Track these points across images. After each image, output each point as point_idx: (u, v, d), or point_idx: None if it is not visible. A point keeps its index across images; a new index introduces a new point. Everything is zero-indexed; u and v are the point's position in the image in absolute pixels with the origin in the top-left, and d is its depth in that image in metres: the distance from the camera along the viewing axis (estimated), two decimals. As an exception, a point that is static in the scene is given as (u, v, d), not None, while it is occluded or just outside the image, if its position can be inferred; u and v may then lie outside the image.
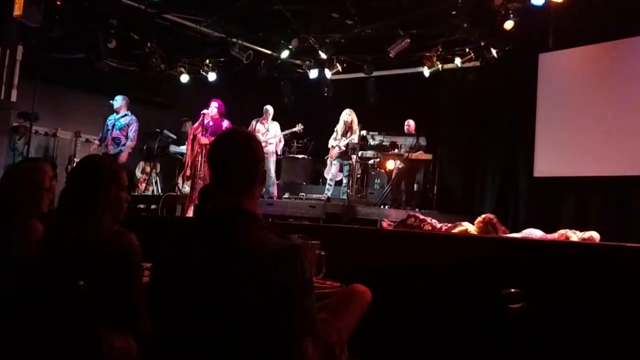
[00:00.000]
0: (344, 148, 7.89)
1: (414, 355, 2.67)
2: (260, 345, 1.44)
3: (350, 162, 7.86)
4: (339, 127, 7.96)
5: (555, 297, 2.39)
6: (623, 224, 6.95)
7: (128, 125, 7.49)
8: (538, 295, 2.36)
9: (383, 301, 2.22)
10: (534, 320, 2.34)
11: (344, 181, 8.01)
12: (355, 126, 7.84)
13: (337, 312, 1.99)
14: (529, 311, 2.30)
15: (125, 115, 7.54)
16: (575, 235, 5.14)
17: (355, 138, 7.79)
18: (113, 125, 7.46)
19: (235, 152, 1.62)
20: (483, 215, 5.60)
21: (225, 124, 6.80)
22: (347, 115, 7.89)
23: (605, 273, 2.34)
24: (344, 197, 7.77)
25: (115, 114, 7.52)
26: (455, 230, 5.54)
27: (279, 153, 8.63)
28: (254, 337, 1.44)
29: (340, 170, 8.11)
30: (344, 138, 7.90)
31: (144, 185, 9.07)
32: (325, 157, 8.44)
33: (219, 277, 1.47)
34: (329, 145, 8.12)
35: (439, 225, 6.21)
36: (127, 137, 7.46)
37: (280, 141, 8.40)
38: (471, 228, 5.47)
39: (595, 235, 5.01)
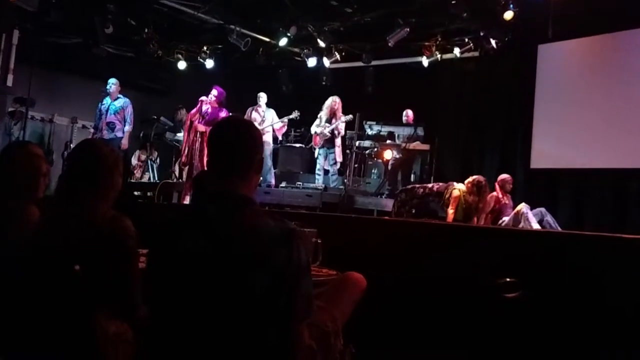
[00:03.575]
0: (329, 134, 7.80)
1: (409, 342, 2.69)
2: (257, 328, 1.45)
3: (334, 150, 7.78)
4: (323, 114, 7.84)
5: (550, 287, 2.40)
6: (619, 215, 6.99)
7: (123, 108, 7.44)
8: (534, 284, 2.37)
9: (379, 289, 2.22)
10: (530, 309, 2.36)
11: (331, 170, 7.91)
12: (340, 113, 7.77)
13: (332, 299, 2.00)
14: (525, 300, 2.31)
15: (118, 98, 7.49)
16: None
17: (340, 125, 7.72)
18: (107, 110, 7.39)
19: (235, 137, 1.63)
20: (473, 177, 5.99)
21: (223, 114, 6.75)
22: (334, 102, 7.79)
23: (600, 263, 2.35)
24: (333, 185, 7.72)
25: (108, 98, 7.45)
26: (448, 191, 6.24)
27: (280, 138, 8.58)
28: (250, 320, 1.44)
29: (327, 159, 7.98)
30: (328, 124, 7.82)
31: (139, 172, 9.05)
32: (310, 145, 8.37)
33: (215, 261, 1.47)
34: (312, 132, 8.03)
35: (430, 185, 6.39)
36: (122, 121, 7.41)
37: (284, 126, 8.33)
38: (462, 187, 6.18)
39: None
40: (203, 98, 6.83)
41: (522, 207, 6.18)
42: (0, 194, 2.16)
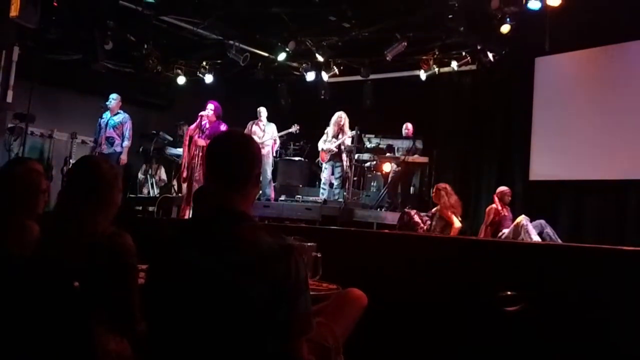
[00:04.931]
0: (335, 149, 7.87)
1: (410, 358, 2.67)
2: (255, 345, 1.44)
3: (341, 164, 7.85)
4: (330, 130, 7.94)
5: (552, 300, 2.39)
6: (618, 227, 6.98)
7: (122, 123, 7.48)
8: (535, 298, 2.36)
9: (379, 304, 2.21)
10: (531, 323, 2.35)
11: (335, 183, 7.99)
12: (347, 129, 7.84)
13: (333, 315, 1.99)
14: (526, 314, 2.30)
15: (118, 113, 7.54)
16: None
17: (347, 140, 7.79)
18: (106, 124, 7.44)
19: (232, 151, 1.64)
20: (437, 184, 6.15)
21: (223, 127, 6.78)
22: (340, 118, 7.88)
23: (602, 276, 2.35)
24: (336, 198, 7.76)
25: (108, 113, 7.50)
26: (437, 216, 6.45)
27: (273, 154, 8.63)
28: (248, 337, 1.44)
29: (333, 173, 8.09)
30: (334, 140, 7.88)
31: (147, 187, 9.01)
32: (317, 160, 8.44)
33: (213, 277, 1.47)
34: (319, 148, 8.11)
35: (426, 227, 6.46)
36: (121, 136, 7.45)
37: (275, 142, 8.38)
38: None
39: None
40: (202, 113, 6.87)
41: (522, 219, 6.18)
42: (0, 210, 2.16)
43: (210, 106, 6.87)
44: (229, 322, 1.44)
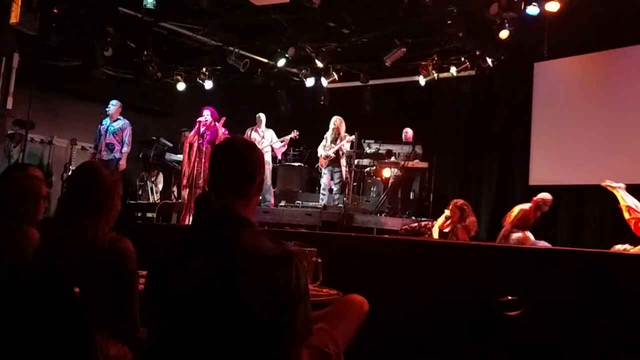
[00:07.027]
0: (333, 155, 7.88)
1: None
2: (255, 351, 1.43)
3: (340, 169, 7.85)
4: (329, 135, 7.95)
5: (552, 305, 2.38)
6: (618, 233, 6.96)
7: (122, 129, 7.49)
8: (535, 303, 2.36)
9: (380, 309, 2.21)
10: (531, 328, 2.34)
11: (334, 189, 8.00)
12: (343, 132, 7.85)
13: (334, 322, 1.99)
14: (527, 319, 2.30)
15: (118, 119, 7.55)
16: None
17: (345, 145, 7.79)
18: (106, 131, 7.45)
19: (236, 158, 1.64)
20: (455, 200, 5.89)
21: (223, 130, 6.81)
22: (335, 122, 7.88)
23: (602, 281, 2.34)
24: (336, 203, 7.76)
25: (107, 119, 7.52)
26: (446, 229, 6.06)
27: (279, 158, 8.62)
28: (248, 343, 1.43)
29: (332, 179, 8.09)
30: (333, 145, 7.89)
31: (157, 194, 8.99)
32: (316, 166, 8.46)
33: (213, 283, 1.46)
34: (319, 154, 8.13)
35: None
36: (121, 142, 7.47)
37: (284, 146, 8.40)
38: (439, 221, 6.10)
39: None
40: (201, 119, 6.88)
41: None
42: (0, 216, 2.16)
43: (206, 112, 6.91)
44: (229, 328, 1.43)
